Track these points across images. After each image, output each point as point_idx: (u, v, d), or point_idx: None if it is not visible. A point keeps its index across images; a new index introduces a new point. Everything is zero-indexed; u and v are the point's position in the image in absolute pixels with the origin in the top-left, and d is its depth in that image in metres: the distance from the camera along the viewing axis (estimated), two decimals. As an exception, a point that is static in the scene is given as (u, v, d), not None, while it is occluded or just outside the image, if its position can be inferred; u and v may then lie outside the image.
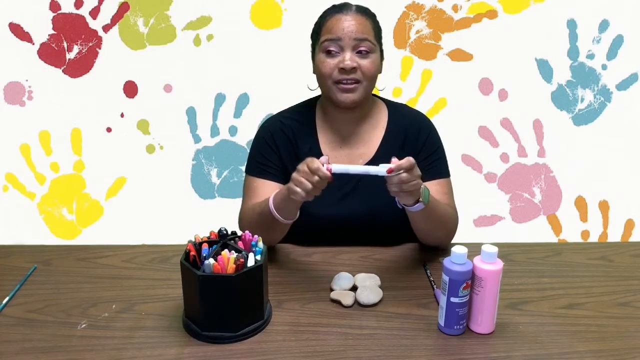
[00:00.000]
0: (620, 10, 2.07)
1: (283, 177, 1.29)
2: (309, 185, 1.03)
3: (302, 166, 1.05)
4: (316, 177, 1.02)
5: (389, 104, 1.35)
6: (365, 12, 1.24)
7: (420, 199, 1.08)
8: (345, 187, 1.29)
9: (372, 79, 1.23)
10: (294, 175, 1.06)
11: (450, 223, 1.24)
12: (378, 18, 1.27)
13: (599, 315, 1.03)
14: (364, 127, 1.31)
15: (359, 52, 1.20)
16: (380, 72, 1.27)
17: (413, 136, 1.30)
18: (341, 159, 1.29)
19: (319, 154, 1.28)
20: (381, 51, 1.27)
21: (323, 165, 1.03)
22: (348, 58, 1.18)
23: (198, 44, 2.05)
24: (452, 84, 2.12)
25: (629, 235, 2.31)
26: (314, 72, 1.28)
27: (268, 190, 1.25)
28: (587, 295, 1.10)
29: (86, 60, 2.05)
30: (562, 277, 1.16)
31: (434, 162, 1.29)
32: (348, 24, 1.19)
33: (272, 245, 1.26)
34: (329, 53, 1.20)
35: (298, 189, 1.04)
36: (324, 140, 1.31)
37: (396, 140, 1.30)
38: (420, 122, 1.33)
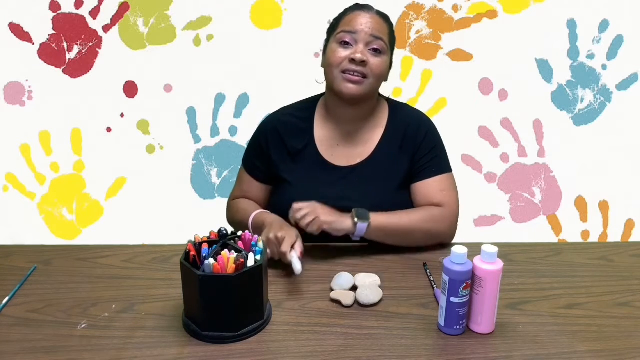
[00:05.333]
0: (620, 10, 2.07)
1: (271, 178, 1.36)
2: (275, 255, 1.14)
3: (277, 234, 1.14)
4: (280, 250, 1.12)
5: (391, 104, 1.36)
6: (384, 17, 1.27)
7: (355, 220, 1.18)
8: (346, 186, 1.29)
9: (378, 78, 1.24)
10: (270, 236, 1.14)
11: (422, 229, 1.24)
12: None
13: (599, 315, 1.03)
14: (364, 126, 1.31)
15: (371, 50, 1.22)
16: (386, 78, 1.29)
17: (411, 135, 1.31)
18: (339, 157, 1.31)
19: (315, 152, 1.31)
20: (391, 60, 1.29)
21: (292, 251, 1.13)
22: (360, 50, 1.21)
23: (198, 44, 2.05)
24: (452, 84, 2.12)
25: (629, 235, 2.31)
26: (322, 66, 1.30)
27: (254, 189, 1.38)
28: (587, 295, 1.10)
29: (86, 60, 2.05)
30: (562, 277, 1.16)
31: (433, 159, 1.30)
32: (367, 20, 1.22)
33: None
34: (342, 44, 1.23)
35: (268, 250, 1.14)
36: (321, 138, 1.32)
37: (395, 139, 1.31)
38: (418, 120, 1.34)
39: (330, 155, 1.31)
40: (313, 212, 1.18)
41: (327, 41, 1.30)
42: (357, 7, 1.27)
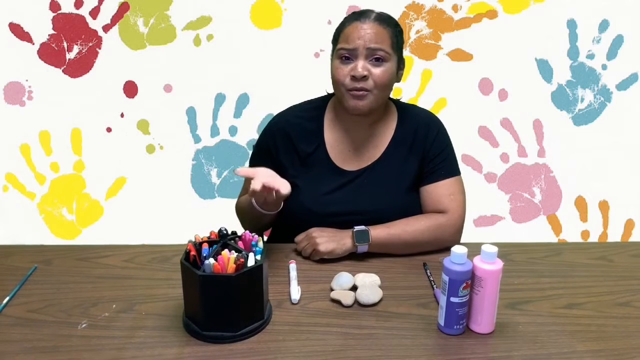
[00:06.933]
0: (620, 10, 2.07)
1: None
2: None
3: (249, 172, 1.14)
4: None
5: (399, 106, 1.36)
6: (384, 21, 1.22)
7: (355, 243, 1.19)
8: (356, 189, 1.29)
9: (383, 88, 1.22)
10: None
11: (427, 239, 1.24)
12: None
13: (598, 315, 1.03)
14: (374, 131, 1.31)
15: (373, 60, 1.20)
16: (397, 80, 1.27)
17: (421, 136, 1.30)
18: (349, 161, 1.31)
19: (325, 157, 1.30)
20: (401, 60, 1.27)
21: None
22: (360, 66, 1.19)
23: (198, 44, 2.05)
24: (452, 84, 2.12)
25: (629, 235, 2.32)
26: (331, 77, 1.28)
27: None
28: (587, 295, 1.10)
29: (86, 60, 2.05)
30: (562, 277, 1.16)
31: (441, 162, 1.30)
32: (364, 32, 1.19)
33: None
34: (343, 59, 1.21)
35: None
36: (331, 142, 1.31)
37: (404, 141, 1.31)
38: (428, 121, 1.33)
39: (341, 160, 1.30)
40: (311, 244, 1.19)
41: (332, 52, 1.28)
42: (354, 18, 1.22)
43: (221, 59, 2.07)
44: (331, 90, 1.31)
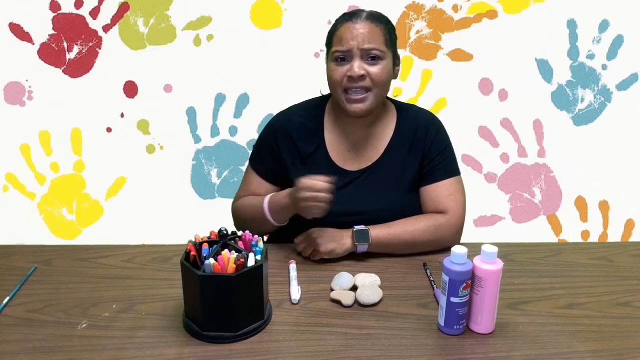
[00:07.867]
0: (620, 10, 2.07)
1: (279, 178, 1.34)
2: (322, 205, 1.12)
3: (303, 193, 1.12)
4: (321, 194, 1.11)
5: (398, 106, 1.36)
6: (375, 19, 1.22)
7: (355, 243, 1.20)
8: (356, 190, 1.29)
9: (382, 86, 1.22)
10: (302, 204, 1.13)
11: (427, 239, 1.24)
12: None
13: (599, 315, 1.03)
14: (373, 131, 1.31)
15: (368, 59, 1.20)
16: (394, 77, 1.27)
17: (421, 136, 1.30)
18: (349, 161, 1.31)
19: (326, 157, 1.30)
20: (395, 56, 1.27)
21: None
22: (356, 66, 1.19)
23: (198, 44, 2.05)
24: (452, 84, 2.12)
25: (629, 235, 2.32)
26: (327, 79, 1.28)
27: (262, 187, 1.34)
28: (587, 295, 1.10)
29: (86, 60, 2.05)
30: (562, 277, 1.16)
31: (441, 163, 1.30)
32: (357, 33, 1.19)
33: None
34: (338, 61, 1.21)
35: (316, 211, 1.13)
36: (331, 142, 1.31)
37: (404, 141, 1.31)
38: (428, 121, 1.33)
39: (342, 160, 1.31)
40: (311, 244, 1.20)
41: (326, 53, 1.28)
42: (346, 19, 1.22)
43: (221, 59, 2.06)
44: (325, 92, 1.31)
